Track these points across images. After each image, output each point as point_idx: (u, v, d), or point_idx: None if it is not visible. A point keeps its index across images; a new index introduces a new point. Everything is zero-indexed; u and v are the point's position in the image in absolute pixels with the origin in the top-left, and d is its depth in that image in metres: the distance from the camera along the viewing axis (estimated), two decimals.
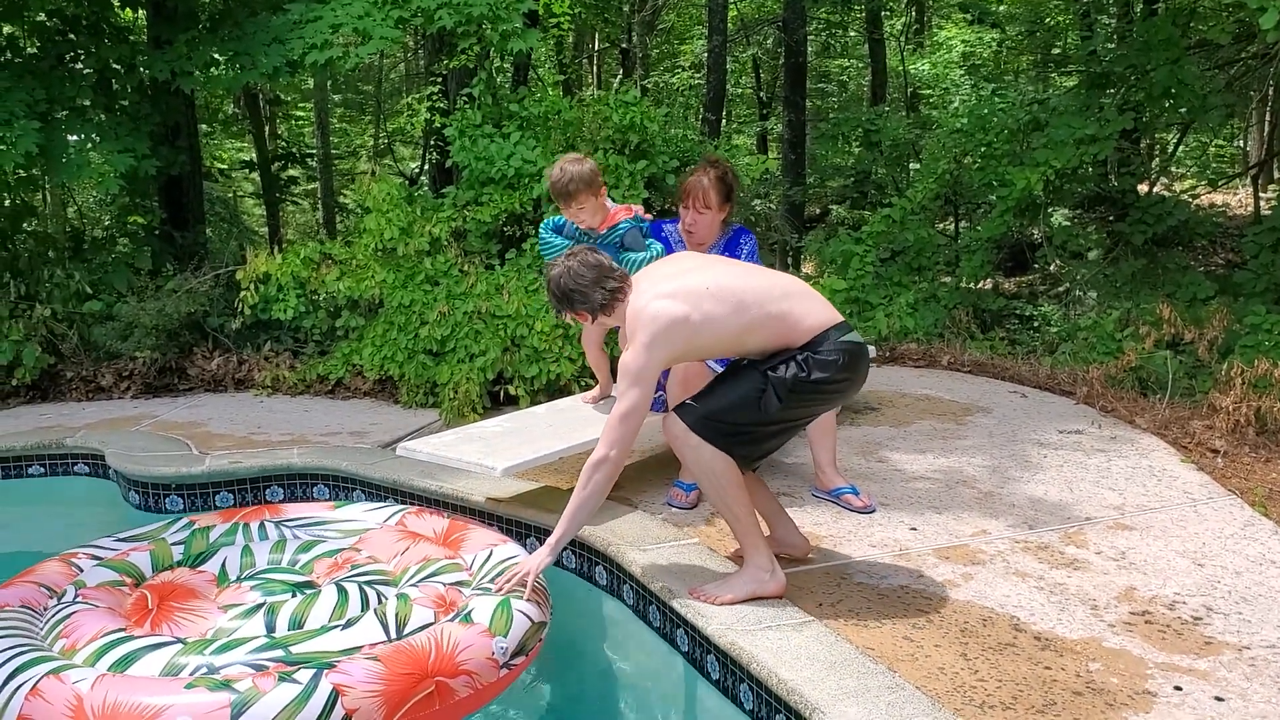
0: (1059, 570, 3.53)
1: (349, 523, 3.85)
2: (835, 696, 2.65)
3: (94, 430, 5.60)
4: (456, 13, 6.48)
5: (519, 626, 3.04)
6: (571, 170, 4.19)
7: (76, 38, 7.97)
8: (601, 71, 19.53)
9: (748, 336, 3.27)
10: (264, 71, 6.94)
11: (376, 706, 2.68)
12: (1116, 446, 4.90)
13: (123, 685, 2.68)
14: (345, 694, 2.65)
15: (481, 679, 2.88)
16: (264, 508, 3.99)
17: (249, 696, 2.60)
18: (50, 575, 3.40)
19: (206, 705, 2.58)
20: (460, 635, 2.92)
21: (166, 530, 3.75)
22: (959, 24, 16.47)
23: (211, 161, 13.85)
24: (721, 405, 3.27)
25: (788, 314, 3.26)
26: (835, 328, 3.28)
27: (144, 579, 3.50)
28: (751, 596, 3.23)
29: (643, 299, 3.29)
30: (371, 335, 6.29)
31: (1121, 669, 2.87)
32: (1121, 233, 8.90)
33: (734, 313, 3.23)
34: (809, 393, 3.25)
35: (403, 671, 2.76)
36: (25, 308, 6.72)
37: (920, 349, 6.94)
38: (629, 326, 3.30)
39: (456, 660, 2.85)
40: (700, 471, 3.29)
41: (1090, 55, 9.57)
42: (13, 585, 3.33)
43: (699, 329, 3.21)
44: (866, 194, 13.42)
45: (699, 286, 3.26)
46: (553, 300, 3.45)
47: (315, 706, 2.61)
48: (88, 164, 7.00)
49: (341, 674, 2.70)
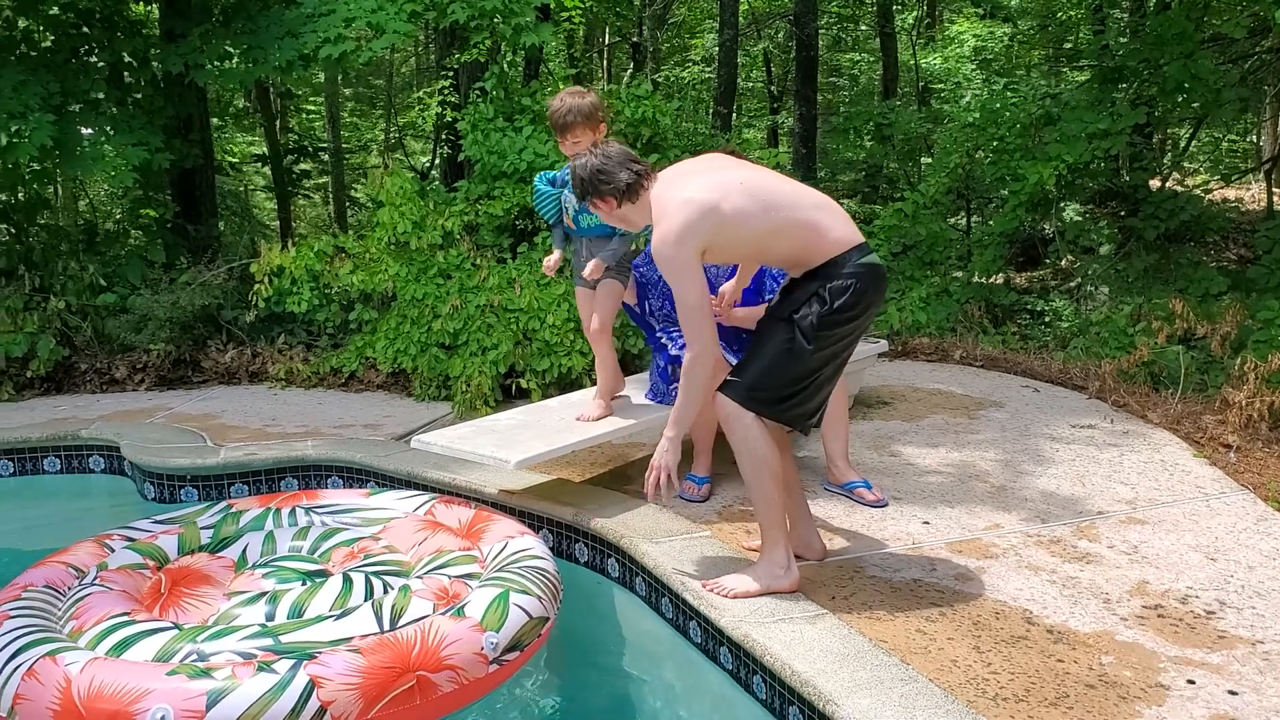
0: (1071, 564, 3.53)
1: (377, 511, 3.86)
2: (849, 688, 2.66)
3: (109, 422, 5.63)
4: (469, 7, 6.50)
5: (514, 621, 3.00)
6: (570, 102, 4.11)
7: (90, 31, 8.00)
8: (612, 65, 19.51)
9: (773, 241, 3.26)
10: (277, 65, 6.96)
11: (353, 699, 2.66)
12: (1129, 441, 4.90)
13: (109, 669, 2.70)
14: (322, 686, 2.64)
15: (468, 674, 2.84)
16: (301, 493, 4.03)
17: (226, 686, 2.61)
18: (80, 556, 3.45)
19: (183, 693, 2.59)
20: (448, 629, 2.88)
21: (202, 514, 3.80)
22: (970, 18, 16.42)
23: (223, 155, 13.88)
24: (760, 370, 3.26)
25: (816, 224, 3.24)
26: (856, 248, 3.26)
27: (167, 562, 3.53)
28: (766, 591, 3.24)
29: (670, 189, 3.26)
30: (384, 328, 6.32)
31: (1134, 662, 2.88)
32: (1133, 227, 8.88)
33: (764, 211, 3.20)
34: (836, 325, 3.22)
35: (382, 664, 2.73)
36: (40, 300, 6.76)
37: (932, 343, 6.94)
38: (655, 216, 3.26)
39: (441, 655, 2.81)
40: (744, 451, 3.27)
41: (1103, 50, 9.55)
42: (43, 565, 3.39)
43: (727, 221, 3.16)
44: (878, 188, 13.39)
45: (731, 180, 3.24)
46: (577, 187, 3.42)
47: (290, 698, 2.61)
48: (102, 157, 7.03)
49: (320, 665, 2.69)
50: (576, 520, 4.02)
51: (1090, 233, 9.37)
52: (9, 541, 4.82)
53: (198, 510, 3.84)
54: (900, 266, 8.53)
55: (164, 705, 2.57)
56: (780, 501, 3.31)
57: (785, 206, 3.23)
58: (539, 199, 4.42)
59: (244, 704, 2.58)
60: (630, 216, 3.40)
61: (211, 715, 2.56)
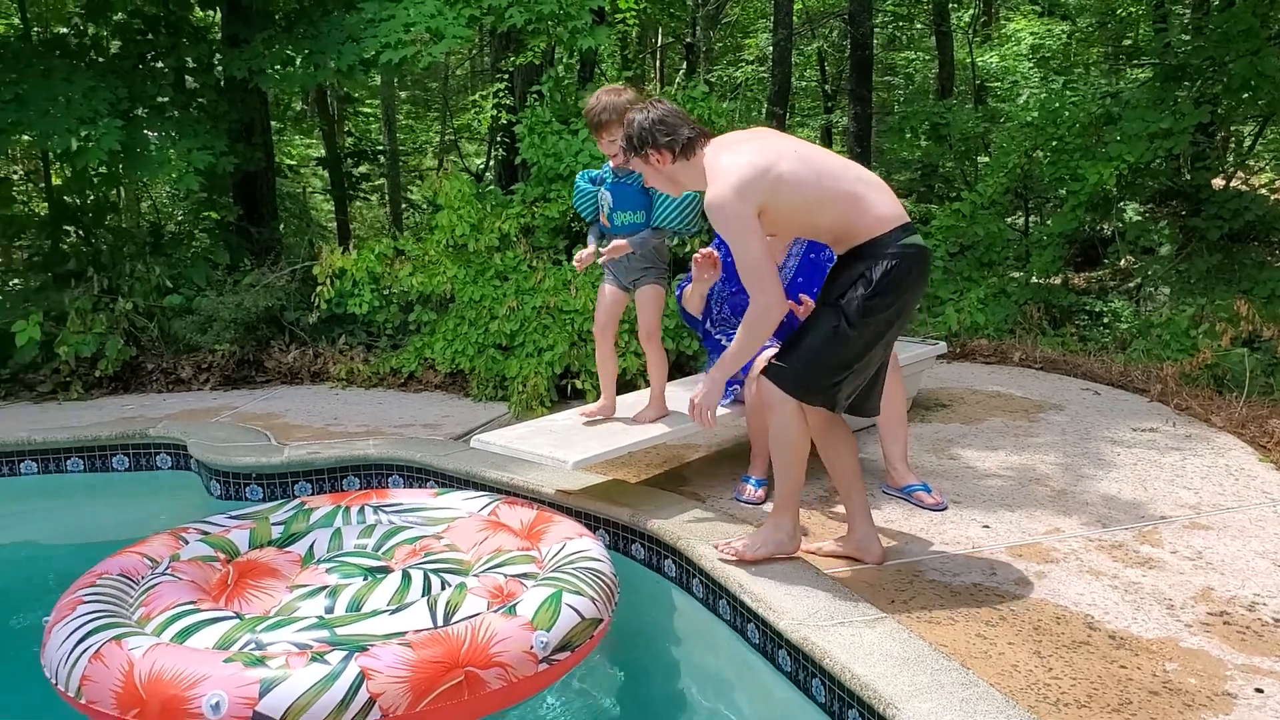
0: (1133, 569, 3.50)
1: (442, 510, 3.91)
2: (909, 692, 2.66)
3: (175, 421, 5.75)
4: (527, 11, 6.55)
5: (565, 621, 2.99)
6: (606, 100, 4.09)
7: (156, 37, 8.17)
8: (665, 66, 19.53)
9: (819, 212, 3.28)
10: (338, 70, 7.06)
11: (402, 692, 2.69)
12: (1192, 445, 4.83)
13: (169, 654, 2.78)
14: (371, 678, 2.68)
15: (516, 672, 2.85)
16: (372, 492, 4.09)
17: (278, 675, 2.67)
18: (155, 547, 3.56)
19: (238, 680, 2.65)
20: (498, 626, 2.90)
21: (275, 511, 3.89)
22: (1028, 16, 16.24)
23: (281, 158, 14.09)
24: (806, 358, 3.31)
25: (861, 198, 3.26)
26: (901, 227, 3.27)
27: (236, 555, 3.63)
28: (771, 556, 3.47)
29: (723, 153, 3.29)
30: (443, 330, 6.39)
31: (1199, 670, 2.85)
32: (1195, 228, 8.75)
33: (813, 180, 3.24)
34: (880, 309, 3.25)
35: (432, 659, 2.76)
36: (108, 301, 6.92)
37: (991, 345, 6.88)
38: (709, 178, 3.28)
39: (491, 651, 2.83)
40: (780, 436, 3.40)
41: (1165, 48, 9.40)
42: (120, 555, 3.49)
43: (778, 184, 3.20)
44: (934, 188, 13.30)
45: (785, 147, 3.29)
46: (634, 139, 3.41)
47: (340, 688, 2.65)
48: (167, 161, 7.18)
49: (371, 658, 2.73)
50: (633, 521, 4.05)
51: (1150, 233, 9.24)
52: (81, 536, 4.95)
53: (272, 507, 3.94)
54: (958, 267, 8.47)
55: (219, 691, 2.64)
56: (801, 480, 3.49)
57: (832, 177, 3.27)
58: (578, 195, 4.44)
59: (295, 693, 2.64)
60: (679, 176, 3.42)
61: (264, 703, 2.62)
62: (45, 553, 4.85)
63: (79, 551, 4.47)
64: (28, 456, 5.42)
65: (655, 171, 3.45)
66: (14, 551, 4.86)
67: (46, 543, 4.96)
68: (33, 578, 4.51)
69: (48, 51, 7.54)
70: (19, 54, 7.40)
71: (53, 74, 7.00)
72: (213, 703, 2.63)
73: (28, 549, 4.90)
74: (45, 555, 4.81)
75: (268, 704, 2.61)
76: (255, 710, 2.61)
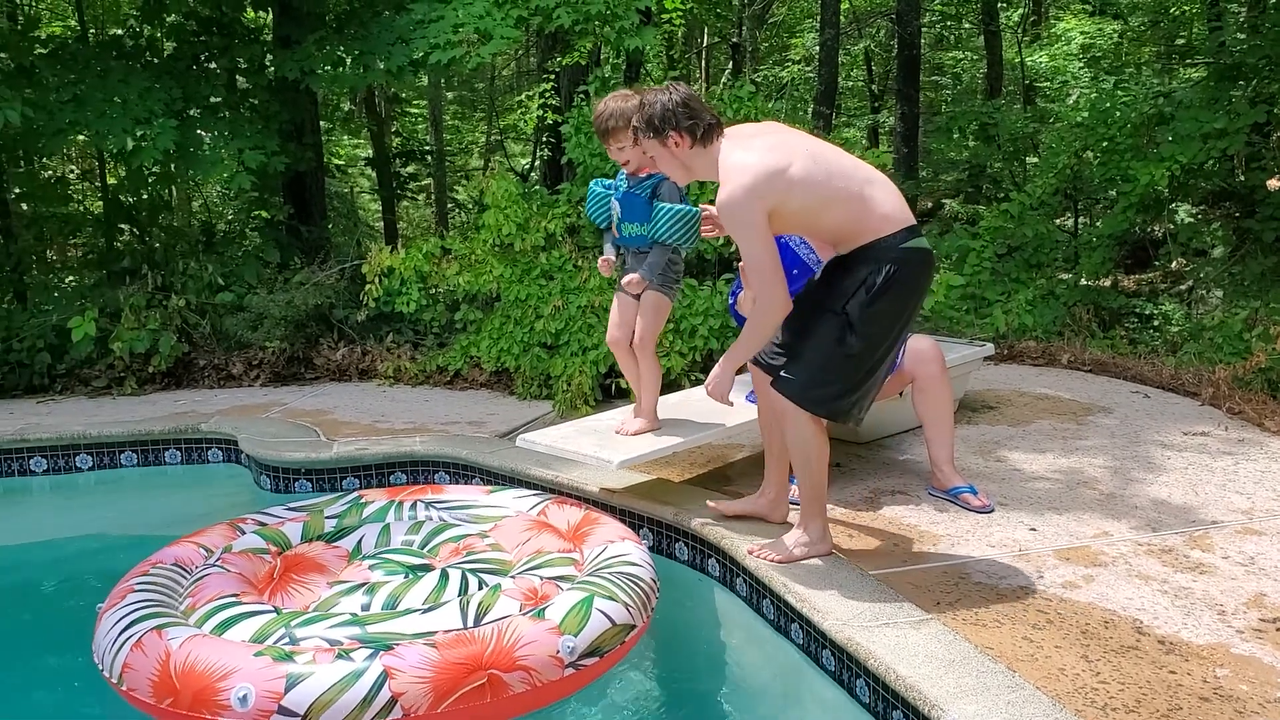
0: (1184, 574, 3.46)
1: (492, 509, 3.95)
2: (954, 694, 2.65)
3: (226, 417, 5.84)
4: (574, 11, 6.59)
5: (595, 627, 2.99)
6: (612, 106, 3.97)
7: (209, 39, 8.30)
8: (710, 66, 19.52)
9: (826, 212, 3.29)
10: (388, 70, 7.13)
11: (424, 692, 2.71)
12: (1244, 449, 4.76)
13: (205, 646, 2.85)
14: (394, 677, 2.71)
15: (541, 676, 2.85)
16: (426, 488, 4.15)
17: (305, 671, 2.72)
18: (212, 537, 3.66)
19: (266, 674, 2.71)
20: (525, 630, 2.90)
21: (331, 504, 3.96)
22: (1078, 15, 16.05)
23: (330, 157, 14.25)
24: (814, 369, 3.35)
25: (869, 199, 3.28)
26: (905, 230, 3.28)
27: (288, 548, 3.69)
28: (805, 557, 3.51)
29: (736, 149, 3.29)
30: (489, 328, 6.44)
31: (1251, 676, 2.81)
32: (1249, 229, 8.60)
33: (825, 180, 3.25)
34: (883, 316, 3.28)
35: (456, 660, 2.77)
36: (161, 299, 7.04)
37: (1039, 347, 6.82)
38: (722, 174, 3.29)
39: (515, 655, 2.83)
40: (798, 444, 3.46)
41: (1220, 47, 9.26)
42: (177, 544, 3.60)
43: (794, 185, 3.21)
44: (982, 188, 13.18)
45: (797, 146, 3.29)
46: (652, 122, 3.35)
47: (364, 686, 2.69)
48: (220, 160, 7.29)
49: (395, 657, 2.76)
50: (677, 520, 4.06)
51: (1203, 234, 9.11)
52: (133, 530, 5.04)
53: (329, 500, 4.01)
54: (1006, 269, 8.39)
55: (247, 684, 2.71)
56: (825, 484, 3.54)
57: (842, 177, 3.28)
58: (591, 200, 4.35)
59: (320, 689, 2.68)
60: (694, 163, 3.40)
61: (289, 697, 2.67)
62: (99, 545, 4.94)
63: (131, 544, 4.55)
64: (83, 450, 5.53)
65: (671, 155, 3.40)
66: (68, 544, 4.97)
67: (100, 535, 5.05)
68: (85, 569, 4.61)
69: (104, 53, 7.68)
70: (76, 55, 7.55)
71: (109, 75, 7.13)
72: (240, 695, 2.69)
73: (82, 541, 5.00)
74: (99, 548, 4.90)
75: (292, 699, 2.67)
76: (280, 704, 2.67)
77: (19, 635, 3.91)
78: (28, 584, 4.52)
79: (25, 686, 3.45)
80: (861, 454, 4.81)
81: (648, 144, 3.43)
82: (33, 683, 3.48)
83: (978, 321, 7.39)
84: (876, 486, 4.37)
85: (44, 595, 4.43)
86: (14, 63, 7.08)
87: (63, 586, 4.49)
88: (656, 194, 4.11)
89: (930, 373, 4.21)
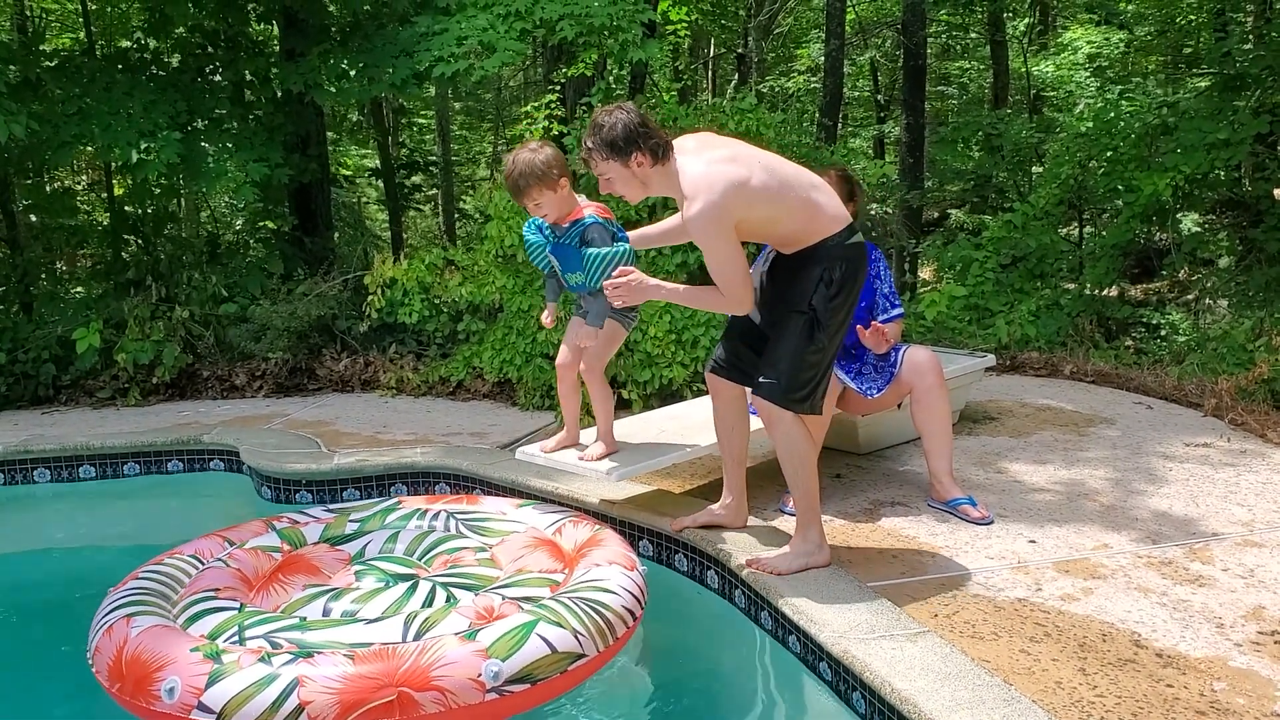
0: (1183, 586, 3.45)
1: (508, 523, 3.92)
2: (949, 707, 2.64)
3: (229, 427, 5.86)
4: (578, 24, 6.61)
5: (529, 653, 2.89)
6: (521, 163, 3.71)
7: (215, 51, 8.34)
8: (717, 77, 19.55)
9: (783, 218, 3.42)
10: (392, 83, 7.16)
11: (331, 703, 2.70)
12: (1246, 461, 4.75)
13: (155, 637, 2.94)
14: (304, 685, 2.72)
15: (457, 699, 2.78)
16: (462, 497, 4.17)
17: (226, 670, 2.77)
18: (240, 532, 3.80)
19: (194, 670, 2.79)
20: (448, 650, 2.84)
21: (364, 509, 4.03)
22: (1084, 25, 16.04)
23: (337, 168, 14.30)
24: (792, 369, 3.45)
25: (817, 203, 3.44)
26: (847, 228, 3.47)
27: (299, 547, 3.77)
28: (804, 568, 3.50)
29: (695, 163, 3.35)
30: (491, 339, 6.45)
31: (1249, 690, 2.80)
32: (1255, 240, 8.58)
33: (780, 189, 3.38)
34: (840, 308, 3.46)
35: (367, 674, 2.75)
36: (165, 309, 7.07)
37: (1042, 358, 6.81)
38: (688, 190, 3.32)
39: (431, 675, 2.77)
40: (786, 447, 3.52)
41: (1224, 56, 9.24)
42: (207, 536, 3.74)
43: (754, 196, 3.32)
44: (987, 198, 13.18)
45: (751, 157, 3.40)
46: (615, 144, 3.34)
47: (273, 692, 2.71)
48: (225, 173, 7.32)
49: (310, 665, 2.77)
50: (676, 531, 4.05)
51: (1209, 244, 9.08)
52: (133, 539, 5.05)
53: (365, 504, 4.08)
54: (1009, 279, 8.37)
55: (176, 678, 2.79)
56: (817, 489, 3.59)
57: (794, 186, 3.43)
58: (529, 248, 4.04)
59: (234, 690, 2.73)
60: (653, 181, 3.44)
61: (208, 694, 2.74)
62: (100, 555, 4.95)
63: (131, 554, 4.55)
64: (86, 461, 5.54)
65: (631, 175, 3.41)
66: (70, 554, 4.99)
67: (101, 546, 5.07)
68: (87, 579, 4.60)
69: (110, 66, 7.73)
70: (82, 68, 7.59)
71: (115, 88, 7.17)
72: (169, 687, 2.78)
73: (83, 551, 5.01)
74: (100, 558, 4.91)
75: (210, 696, 2.74)
76: (200, 700, 2.74)
77: (20, 644, 3.92)
78: (30, 593, 4.53)
79: (25, 695, 3.46)
80: (861, 465, 4.81)
81: (607, 165, 3.42)
82: (33, 691, 3.49)
83: (980, 332, 7.38)
84: (876, 498, 4.36)
85: (45, 604, 4.43)
86: (21, 75, 7.12)
87: (63, 596, 4.49)
88: (586, 241, 3.83)
89: (928, 384, 4.20)
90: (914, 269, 13.05)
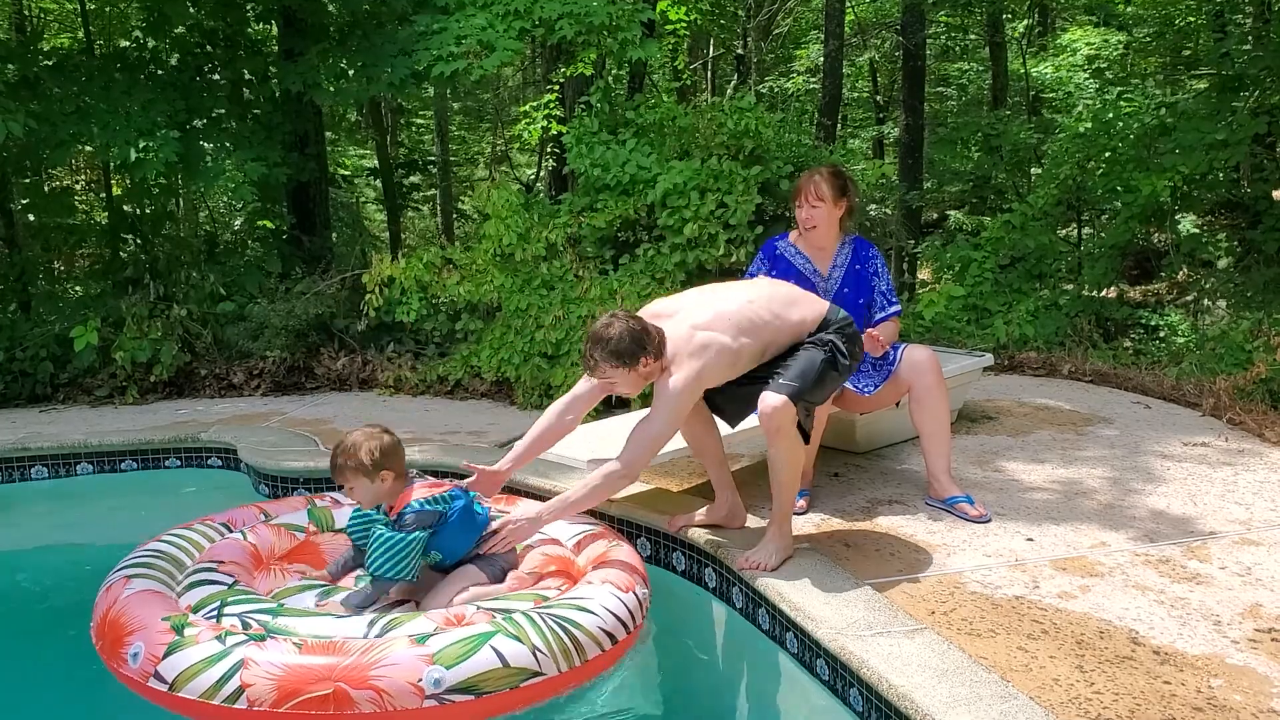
0: (1180, 584, 3.45)
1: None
2: (947, 704, 2.64)
3: (226, 426, 5.85)
4: (577, 23, 6.61)
5: (476, 664, 2.84)
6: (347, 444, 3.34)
7: (214, 51, 8.34)
8: (716, 77, 19.55)
9: (769, 347, 3.63)
10: (391, 83, 7.16)
11: (269, 689, 2.76)
12: (1244, 460, 4.75)
13: (138, 601, 3.08)
14: (248, 668, 2.78)
15: (394, 701, 2.76)
16: (502, 498, 4.17)
17: (184, 643, 2.87)
18: (278, 505, 3.97)
19: (158, 639, 2.90)
20: (390, 652, 2.84)
21: None
22: (1083, 26, 16.04)
23: (335, 168, 14.29)
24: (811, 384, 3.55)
25: (798, 319, 3.66)
26: (820, 325, 3.68)
27: (325, 530, 3.88)
28: (783, 561, 3.58)
29: (683, 330, 3.53)
30: (489, 338, 6.45)
31: (1245, 687, 2.80)
32: (1254, 240, 8.59)
33: (757, 332, 3.58)
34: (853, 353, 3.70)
35: (308, 666, 2.78)
36: (163, 308, 7.06)
37: (1040, 357, 6.81)
38: (672, 358, 3.51)
39: (369, 674, 2.77)
40: (791, 457, 3.59)
41: (1223, 57, 9.26)
42: (246, 506, 3.91)
43: (738, 355, 3.55)
44: (985, 199, 13.19)
45: (728, 311, 3.58)
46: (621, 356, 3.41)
47: (219, 670, 2.79)
48: (223, 172, 7.32)
49: (259, 649, 2.84)
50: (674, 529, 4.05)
51: (1207, 245, 9.09)
52: (130, 536, 5.03)
53: None
54: (1008, 279, 8.38)
55: (141, 644, 2.91)
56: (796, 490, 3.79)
57: (771, 318, 3.62)
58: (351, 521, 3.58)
59: (185, 664, 2.84)
60: (654, 374, 3.55)
61: (164, 664, 2.85)
62: (97, 552, 4.93)
63: (128, 551, 4.56)
64: (84, 459, 5.54)
65: (638, 377, 3.52)
66: (67, 551, 4.99)
67: (98, 543, 5.05)
68: (83, 576, 4.60)
69: (109, 65, 7.72)
70: (80, 67, 7.59)
71: (113, 87, 7.16)
72: (133, 652, 2.91)
73: (80, 549, 5.00)
74: (97, 555, 4.89)
75: (165, 666, 2.85)
76: (156, 669, 2.84)
77: (18, 641, 3.91)
78: (27, 591, 4.53)
79: (24, 692, 3.45)
80: (859, 464, 4.81)
81: (615, 373, 3.49)
82: (32, 689, 3.49)
83: (979, 332, 7.38)
84: (874, 496, 4.36)
85: (43, 602, 4.43)
86: (19, 74, 7.12)
87: (60, 593, 4.49)
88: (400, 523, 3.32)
89: (927, 383, 4.19)
90: (913, 269, 13.06)
